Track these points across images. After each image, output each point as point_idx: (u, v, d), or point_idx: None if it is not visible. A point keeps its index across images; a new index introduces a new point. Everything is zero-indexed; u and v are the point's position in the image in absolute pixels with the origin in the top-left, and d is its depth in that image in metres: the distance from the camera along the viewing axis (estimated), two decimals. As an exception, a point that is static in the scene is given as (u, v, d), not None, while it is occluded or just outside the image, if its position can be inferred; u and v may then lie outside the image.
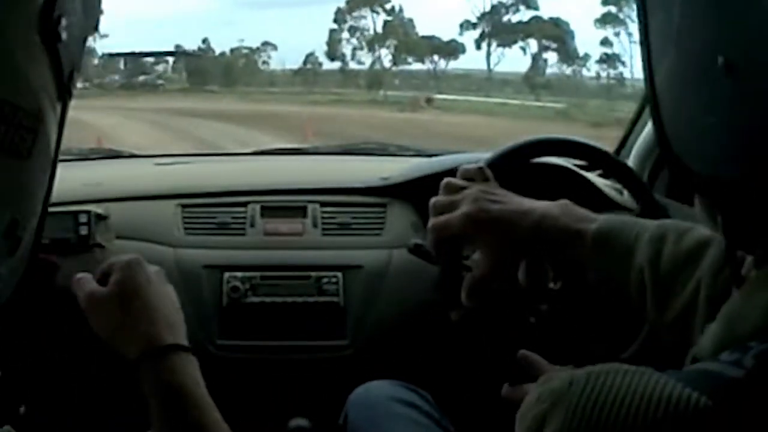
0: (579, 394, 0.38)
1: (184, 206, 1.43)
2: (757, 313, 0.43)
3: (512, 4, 16.95)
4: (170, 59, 18.14)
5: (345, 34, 17.78)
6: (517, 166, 0.92)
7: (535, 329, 0.98)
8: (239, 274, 1.35)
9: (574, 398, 0.38)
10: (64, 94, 0.43)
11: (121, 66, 17.59)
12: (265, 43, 18.65)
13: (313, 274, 1.36)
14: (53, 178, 0.47)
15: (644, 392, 0.36)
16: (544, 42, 16.68)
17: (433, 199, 0.79)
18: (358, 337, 1.36)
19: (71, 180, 1.53)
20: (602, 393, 0.37)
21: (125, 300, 0.75)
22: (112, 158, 1.83)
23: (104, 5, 0.51)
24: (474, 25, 17.23)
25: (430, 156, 1.69)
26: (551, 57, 16.96)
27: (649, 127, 1.49)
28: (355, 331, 1.36)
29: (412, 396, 1.03)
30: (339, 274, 1.36)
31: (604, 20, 16.04)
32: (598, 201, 1.40)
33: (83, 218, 1.36)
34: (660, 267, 0.70)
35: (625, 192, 1.32)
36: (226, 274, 1.35)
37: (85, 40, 0.46)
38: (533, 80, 17.00)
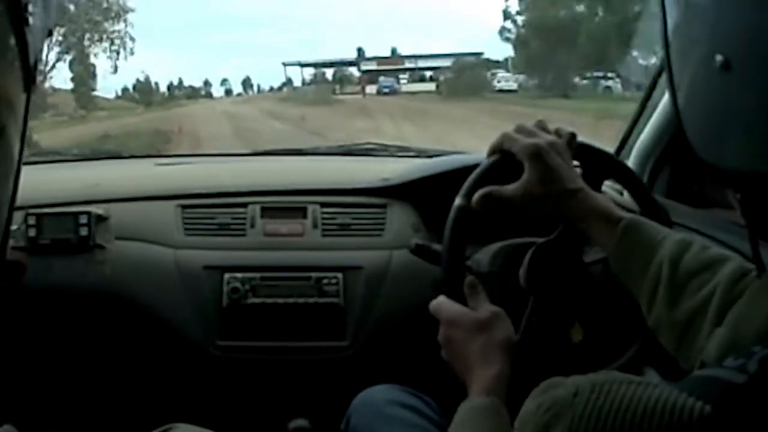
0: (584, 404, 0.38)
1: (184, 207, 1.43)
2: (762, 316, 0.43)
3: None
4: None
5: None
6: (469, 224, 0.92)
7: (537, 330, 0.98)
8: (239, 275, 1.35)
9: (579, 409, 0.38)
10: (30, 83, 0.43)
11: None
12: None
13: (313, 274, 1.36)
14: (18, 177, 0.45)
15: (648, 403, 0.36)
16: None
17: (520, 123, 0.88)
18: (358, 338, 1.36)
19: (71, 181, 1.53)
20: (606, 404, 0.37)
21: None
22: (112, 159, 1.83)
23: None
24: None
25: (431, 157, 1.69)
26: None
27: (649, 127, 1.49)
28: (355, 332, 1.36)
29: (413, 400, 1.04)
30: (339, 275, 1.36)
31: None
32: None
33: (83, 219, 1.36)
34: (680, 266, 0.72)
35: (625, 192, 1.32)
36: (226, 275, 1.35)
37: (44, 35, 0.45)
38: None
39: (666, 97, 1.43)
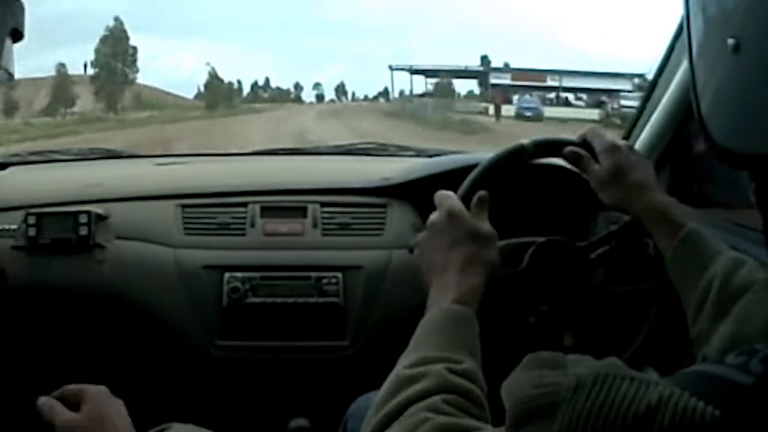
0: (584, 399, 0.37)
1: (184, 206, 1.43)
2: (766, 312, 0.43)
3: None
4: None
5: None
6: (517, 166, 0.92)
7: (535, 329, 0.98)
8: (239, 274, 1.35)
9: (579, 404, 0.37)
10: None
11: None
12: None
13: (313, 274, 1.36)
14: None
15: (651, 403, 0.35)
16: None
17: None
18: (358, 338, 1.36)
19: (71, 180, 1.53)
20: (608, 401, 0.36)
21: (96, 423, 0.83)
22: (112, 158, 1.83)
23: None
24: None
25: (430, 156, 1.69)
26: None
27: (649, 127, 1.49)
28: (355, 331, 1.36)
29: None
30: (339, 275, 1.36)
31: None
32: (597, 201, 1.40)
33: (83, 218, 1.36)
34: (732, 281, 0.74)
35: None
36: (226, 275, 1.35)
37: (3, 34, 0.43)
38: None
39: (666, 97, 1.43)
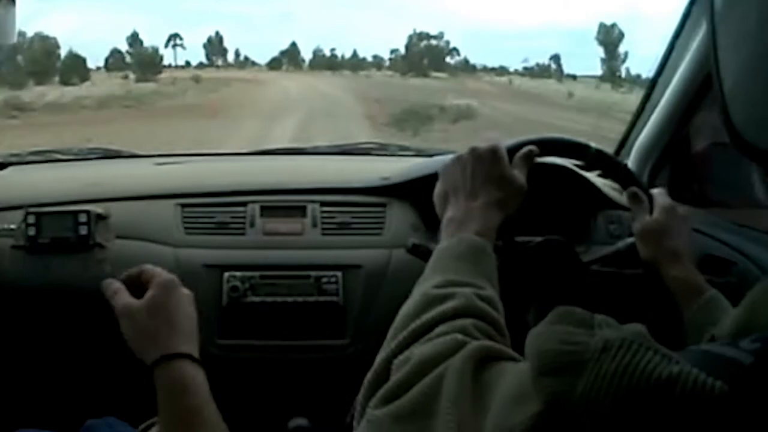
0: (609, 361, 0.38)
1: (183, 206, 1.43)
2: None
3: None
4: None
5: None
6: (572, 158, 0.93)
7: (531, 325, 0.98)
8: (239, 273, 1.35)
9: (605, 365, 0.38)
10: None
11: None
12: None
13: (312, 273, 1.36)
14: None
15: (672, 373, 0.37)
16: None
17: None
18: (357, 337, 1.36)
19: (71, 180, 1.53)
20: (631, 365, 0.38)
21: (153, 313, 0.85)
22: (112, 158, 1.83)
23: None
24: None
25: (431, 156, 1.69)
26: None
27: (648, 127, 1.49)
28: (355, 330, 1.36)
29: None
30: (339, 274, 1.36)
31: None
32: (597, 200, 1.40)
33: (83, 218, 1.36)
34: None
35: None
36: (226, 274, 1.35)
37: None
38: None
39: (666, 97, 1.43)
